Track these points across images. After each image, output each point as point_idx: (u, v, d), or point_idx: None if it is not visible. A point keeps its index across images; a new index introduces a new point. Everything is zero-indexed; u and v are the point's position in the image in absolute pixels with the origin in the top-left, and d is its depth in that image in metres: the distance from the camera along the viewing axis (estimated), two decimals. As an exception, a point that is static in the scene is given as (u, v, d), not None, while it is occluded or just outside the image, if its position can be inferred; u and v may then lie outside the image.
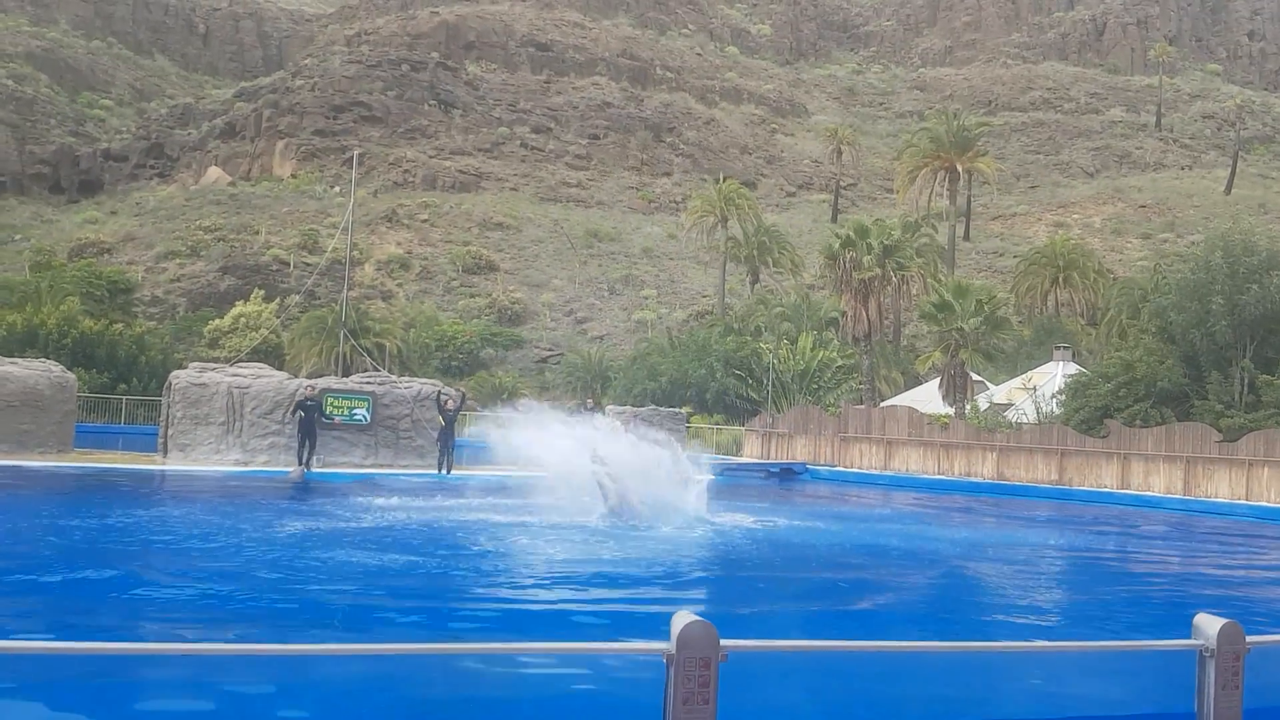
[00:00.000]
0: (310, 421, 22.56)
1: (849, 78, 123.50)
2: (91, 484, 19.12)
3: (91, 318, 43.30)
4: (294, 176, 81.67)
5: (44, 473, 20.46)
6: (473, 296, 65.58)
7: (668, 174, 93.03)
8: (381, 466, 24.99)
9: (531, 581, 10.03)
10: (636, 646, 3.65)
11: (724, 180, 66.44)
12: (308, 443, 22.43)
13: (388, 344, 49.02)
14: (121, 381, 40.45)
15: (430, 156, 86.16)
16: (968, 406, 36.03)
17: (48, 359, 27.76)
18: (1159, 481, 27.61)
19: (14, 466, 20.63)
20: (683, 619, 3.36)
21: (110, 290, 50.77)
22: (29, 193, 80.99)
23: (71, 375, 26.11)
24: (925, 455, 32.13)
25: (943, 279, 50.19)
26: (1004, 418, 34.93)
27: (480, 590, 9.43)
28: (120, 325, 44.90)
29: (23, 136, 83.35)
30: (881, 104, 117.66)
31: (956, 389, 36.57)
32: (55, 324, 40.59)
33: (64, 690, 4.87)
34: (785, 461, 33.83)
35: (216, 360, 34.80)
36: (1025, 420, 34.14)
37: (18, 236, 69.84)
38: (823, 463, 33.69)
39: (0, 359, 24.70)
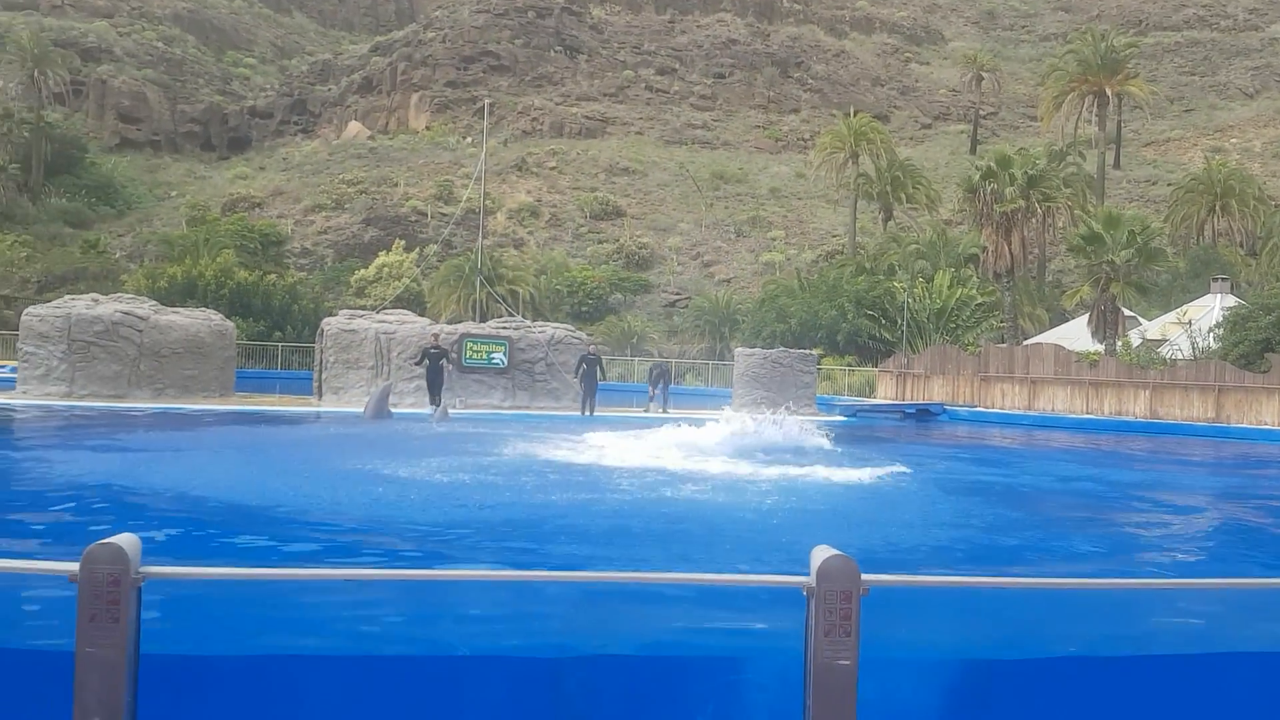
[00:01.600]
0: (437, 369, 23.06)
1: (988, 0, 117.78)
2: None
3: (246, 269, 45.55)
4: (428, 129, 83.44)
5: (233, 415, 21.58)
6: (601, 242, 66.00)
7: (795, 111, 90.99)
8: (519, 408, 25.67)
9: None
10: (776, 580, 3.65)
11: (854, 114, 64.58)
12: (436, 388, 22.98)
13: (521, 290, 49.98)
14: (276, 329, 42.56)
15: (557, 104, 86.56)
16: (1119, 343, 34.57)
17: (207, 308, 29.32)
18: (1329, 419, 26.06)
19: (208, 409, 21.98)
20: (822, 553, 3.34)
21: (262, 243, 53.24)
22: (182, 150, 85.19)
23: (230, 323, 27.50)
24: (1073, 394, 31.02)
25: (1091, 210, 47.93)
26: (1158, 354, 33.37)
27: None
28: (273, 276, 47.13)
29: (174, 96, 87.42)
30: (1024, 27, 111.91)
31: (1107, 325, 35.09)
32: (213, 275, 42.88)
33: None
34: (921, 402, 33.15)
35: (363, 308, 36.22)
36: (1180, 356, 32.55)
37: (174, 193, 73.77)
38: (961, 403, 32.89)
39: (164, 309, 26.12)
